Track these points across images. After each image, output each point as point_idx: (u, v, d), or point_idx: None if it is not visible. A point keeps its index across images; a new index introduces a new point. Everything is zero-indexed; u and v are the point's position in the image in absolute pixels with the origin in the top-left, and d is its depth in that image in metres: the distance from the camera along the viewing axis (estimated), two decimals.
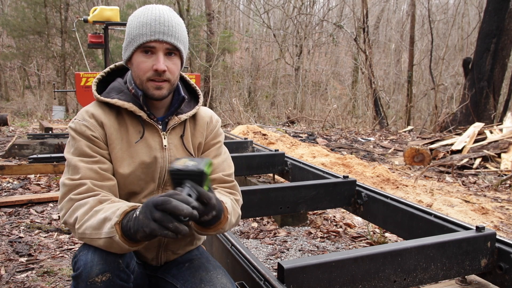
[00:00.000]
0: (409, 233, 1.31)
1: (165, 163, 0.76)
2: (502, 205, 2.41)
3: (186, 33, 0.76)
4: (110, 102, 0.73)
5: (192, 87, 0.84)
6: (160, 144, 0.76)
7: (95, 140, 0.72)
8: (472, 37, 9.50)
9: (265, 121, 8.01)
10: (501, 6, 5.32)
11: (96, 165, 0.70)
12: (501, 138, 3.82)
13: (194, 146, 0.82)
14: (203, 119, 0.83)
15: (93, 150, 0.71)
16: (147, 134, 0.75)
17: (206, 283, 0.74)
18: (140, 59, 0.71)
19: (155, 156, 0.75)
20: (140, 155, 0.75)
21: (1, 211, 2.03)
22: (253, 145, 2.80)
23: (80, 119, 0.73)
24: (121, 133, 0.74)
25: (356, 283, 0.89)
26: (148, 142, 0.76)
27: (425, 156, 3.79)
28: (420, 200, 2.31)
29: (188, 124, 0.81)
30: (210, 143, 0.84)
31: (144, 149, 0.75)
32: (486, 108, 5.54)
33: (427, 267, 0.98)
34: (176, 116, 0.78)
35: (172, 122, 0.78)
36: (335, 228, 1.88)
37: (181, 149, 0.79)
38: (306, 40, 10.42)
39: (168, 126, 0.78)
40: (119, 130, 0.74)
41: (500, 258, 1.05)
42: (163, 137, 0.77)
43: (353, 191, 1.60)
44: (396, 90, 10.55)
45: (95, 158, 0.71)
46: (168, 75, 0.71)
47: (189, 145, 0.80)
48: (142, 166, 0.74)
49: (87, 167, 0.69)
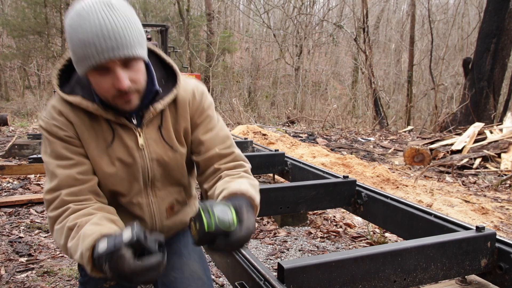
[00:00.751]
0: (409, 233, 1.31)
1: (146, 162, 0.70)
2: (502, 205, 2.41)
3: (139, 25, 0.61)
4: (73, 102, 0.65)
5: (167, 63, 0.72)
6: (136, 143, 0.69)
7: (69, 140, 0.66)
8: (472, 37, 9.50)
9: (265, 121, 8.00)
10: (501, 6, 5.32)
11: (74, 169, 0.66)
12: (501, 138, 3.82)
13: (179, 133, 0.73)
14: (184, 100, 0.72)
15: (69, 151, 0.66)
16: (121, 133, 0.69)
17: (175, 270, 0.72)
18: (96, 79, 0.61)
19: (133, 155, 0.69)
20: (118, 154, 0.69)
21: (1, 211, 2.03)
22: (253, 145, 2.80)
23: (49, 118, 0.66)
24: (95, 131, 0.67)
25: (356, 283, 0.89)
26: (124, 141, 0.69)
27: (425, 156, 3.79)
28: (420, 200, 2.31)
29: (168, 112, 0.71)
30: (198, 122, 0.74)
31: (121, 148, 0.69)
32: (486, 108, 5.53)
33: (427, 267, 0.97)
34: (152, 106, 0.68)
35: (148, 116, 0.69)
36: (335, 228, 1.88)
37: (161, 143, 0.71)
38: (306, 40, 10.42)
39: (143, 120, 0.69)
40: (91, 128, 0.67)
41: (500, 258, 1.05)
42: (138, 134, 0.69)
43: (353, 191, 1.60)
44: (396, 90, 10.54)
45: (72, 160, 0.66)
46: (134, 87, 0.62)
47: (170, 135, 0.71)
48: (122, 165, 0.69)
49: (64, 174, 0.65)
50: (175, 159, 0.74)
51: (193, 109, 0.74)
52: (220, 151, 0.74)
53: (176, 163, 0.74)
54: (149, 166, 0.72)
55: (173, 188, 0.77)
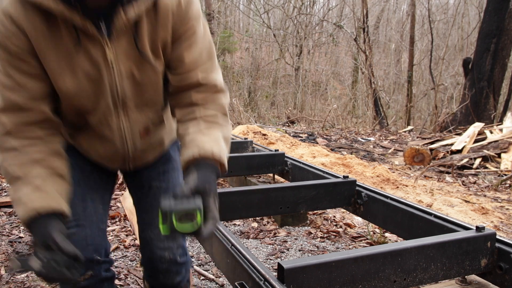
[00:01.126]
0: (409, 233, 1.31)
1: (114, 78, 0.60)
2: (502, 205, 2.41)
3: None
4: (31, 1, 0.53)
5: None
6: (104, 57, 0.58)
7: (20, 57, 0.56)
8: (472, 37, 9.50)
9: (265, 121, 8.00)
10: (501, 6, 5.32)
11: (21, 93, 0.56)
12: (501, 138, 3.82)
13: (156, 45, 0.61)
14: (166, 7, 0.59)
15: (18, 71, 0.56)
16: (87, 44, 0.57)
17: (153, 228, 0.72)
18: None
19: (100, 70, 0.59)
20: (83, 66, 0.58)
21: (1, 211, 2.03)
22: (253, 145, 2.80)
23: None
24: (55, 40, 0.56)
25: (356, 283, 0.89)
26: (89, 52, 0.58)
27: (425, 156, 3.79)
28: (420, 200, 2.32)
29: (145, 19, 0.59)
30: (180, 34, 0.62)
31: (86, 61, 0.58)
32: (486, 108, 5.54)
33: (427, 267, 0.98)
34: (122, 9, 0.56)
35: (119, 23, 0.56)
36: (335, 228, 1.88)
37: (134, 57, 0.59)
38: (306, 40, 10.42)
39: (113, 28, 0.57)
40: (50, 36, 0.56)
41: (500, 258, 1.05)
42: (107, 46, 0.58)
43: (353, 191, 1.60)
44: (396, 90, 10.55)
45: (19, 82, 0.56)
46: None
47: (145, 48, 0.59)
48: (88, 79, 0.59)
49: (9, 98, 0.57)
50: (149, 76, 0.63)
51: (176, 18, 0.61)
52: (201, 78, 0.64)
53: (150, 81, 0.64)
54: (118, 83, 0.61)
55: (148, 108, 0.68)
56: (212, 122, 0.65)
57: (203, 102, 0.65)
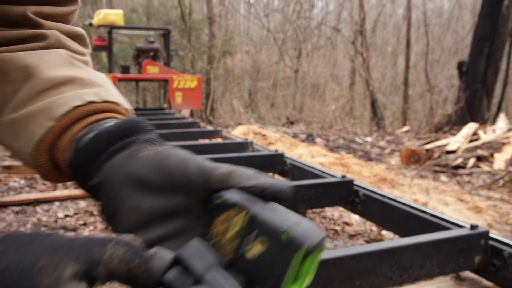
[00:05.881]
0: (405, 231, 1.34)
1: None
2: (495, 203, 2.47)
3: None
4: None
5: None
6: None
7: None
8: (467, 41, 9.63)
9: (265, 122, 8.04)
10: (494, 10, 5.42)
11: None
12: (494, 139, 3.89)
13: None
14: None
15: None
16: None
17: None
18: None
19: None
20: None
21: (9, 209, 2.05)
22: (253, 146, 2.83)
23: None
24: None
25: (353, 280, 0.92)
26: None
27: (421, 156, 3.85)
28: (416, 199, 2.36)
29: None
30: None
31: None
32: (480, 110, 5.63)
33: (422, 264, 1.01)
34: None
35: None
36: (333, 226, 1.91)
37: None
38: (305, 43, 10.50)
39: None
40: None
41: (493, 255, 1.08)
42: None
43: (350, 190, 1.64)
44: (392, 91, 10.65)
45: None
46: None
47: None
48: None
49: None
50: None
51: None
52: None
53: None
54: None
55: None
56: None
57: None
